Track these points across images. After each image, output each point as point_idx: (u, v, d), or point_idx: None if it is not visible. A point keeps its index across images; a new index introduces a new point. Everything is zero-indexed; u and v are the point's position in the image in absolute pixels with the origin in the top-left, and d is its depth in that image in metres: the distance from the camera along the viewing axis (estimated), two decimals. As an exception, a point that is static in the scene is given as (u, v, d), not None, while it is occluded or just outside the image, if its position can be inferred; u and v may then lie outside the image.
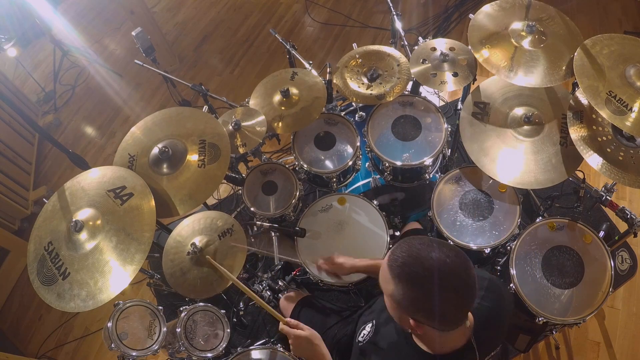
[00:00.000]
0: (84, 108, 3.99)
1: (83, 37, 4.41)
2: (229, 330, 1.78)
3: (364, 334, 1.37)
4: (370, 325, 1.38)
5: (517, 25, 1.88)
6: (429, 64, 2.04)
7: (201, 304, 1.81)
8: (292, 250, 1.93)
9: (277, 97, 2.11)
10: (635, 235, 1.83)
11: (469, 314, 1.12)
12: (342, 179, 2.21)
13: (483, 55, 1.85)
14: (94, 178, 1.75)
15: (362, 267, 1.64)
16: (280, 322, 1.43)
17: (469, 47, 1.94)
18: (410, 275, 0.99)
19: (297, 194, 2.07)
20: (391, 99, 2.05)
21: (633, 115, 1.53)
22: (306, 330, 1.37)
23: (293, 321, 1.41)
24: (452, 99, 3.16)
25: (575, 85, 1.86)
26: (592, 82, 1.62)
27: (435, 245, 1.02)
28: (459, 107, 2.32)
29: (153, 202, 1.65)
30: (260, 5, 4.41)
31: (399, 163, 2.01)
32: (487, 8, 1.97)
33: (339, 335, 1.69)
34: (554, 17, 1.89)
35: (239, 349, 1.75)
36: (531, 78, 1.77)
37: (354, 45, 2.30)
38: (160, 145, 1.81)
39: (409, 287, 1.00)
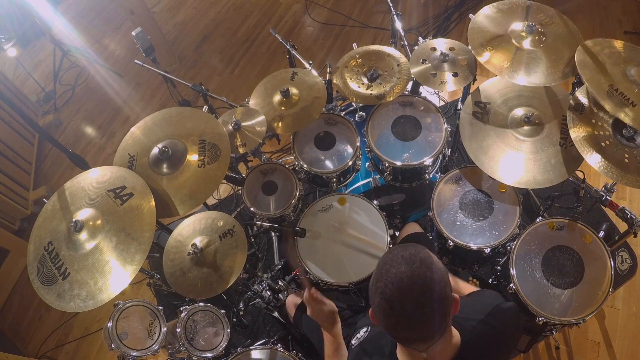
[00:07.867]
0: (84, 108, 3.99)
1: (83, 37, 4.41)
2: (229, 330, 1.79)
3: (357, 337, 1.38)
4: (364, 329, 1.38)
5: (517, 25, 1.88)
6: (429, 64, 2.04)
7: (201, 304, 1.81)
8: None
9: (277, 97, 2.11)
10: (635, 235, 1.83)
11: (457, 332, 1.11)
12: (342, 179, 2.21)
13: (484, 55, 1.85)
14: (94, 178, 1.75)
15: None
16: (306, 290, 1.56)
17: (469, 47, 1.94)
18: (378, 266, 1.04)
19: (297, 194, 2.07)
20: (391, 99, 2.05)
21: (636, 108, 1.53)
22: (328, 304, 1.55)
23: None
24: (452, 99, 3.16)
25: (575, 86, 1.86)
26: (594, 74, 1.61)
27: (417, 264, 0.97)
28: (459, 107, 2.32)
29: (153, 202, 1.66)
30: (260, 5, 4.41)
31: (399, 163, 2.01)
32: (486, 10, 1.96)
33: None
34: (554, 18, 1.89)
35: (239, 349, 1.76)
36: (532, 77, 1.77)
37: (354, 45, 2.30)
38: (160, 145, 1.81)
39: (374, 275, 1.04)
